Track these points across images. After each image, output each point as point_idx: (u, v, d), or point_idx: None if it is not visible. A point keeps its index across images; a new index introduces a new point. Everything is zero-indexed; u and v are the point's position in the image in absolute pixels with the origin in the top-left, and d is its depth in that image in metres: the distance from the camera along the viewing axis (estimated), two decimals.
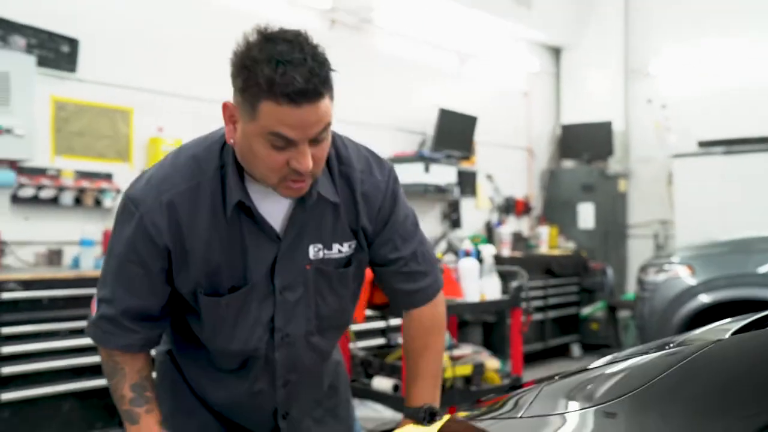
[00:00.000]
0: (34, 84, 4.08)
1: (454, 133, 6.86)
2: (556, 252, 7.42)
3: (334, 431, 1.81)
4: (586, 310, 7.52)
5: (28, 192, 4.13)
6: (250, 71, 1.31)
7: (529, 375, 6.54)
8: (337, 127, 1.58)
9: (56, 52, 4.34)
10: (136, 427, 1.53)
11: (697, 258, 4.49)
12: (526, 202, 8.03)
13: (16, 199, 4.11)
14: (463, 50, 7.30)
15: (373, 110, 6.39)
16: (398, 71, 6.65)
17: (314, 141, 1.37)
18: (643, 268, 4.79)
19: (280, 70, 1.29)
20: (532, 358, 6.97)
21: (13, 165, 4.03)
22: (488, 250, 3.73)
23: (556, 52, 8.70)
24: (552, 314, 7.10)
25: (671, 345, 1.39)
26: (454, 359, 3.50)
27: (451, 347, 3.84)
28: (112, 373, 1.56)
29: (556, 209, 8.29)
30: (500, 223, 7.27)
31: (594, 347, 7.46)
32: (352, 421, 1.88)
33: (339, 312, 1.63)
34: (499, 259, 6.48)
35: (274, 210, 1.51)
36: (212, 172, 1.47)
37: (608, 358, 1.54)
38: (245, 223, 1.49)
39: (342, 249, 1.57)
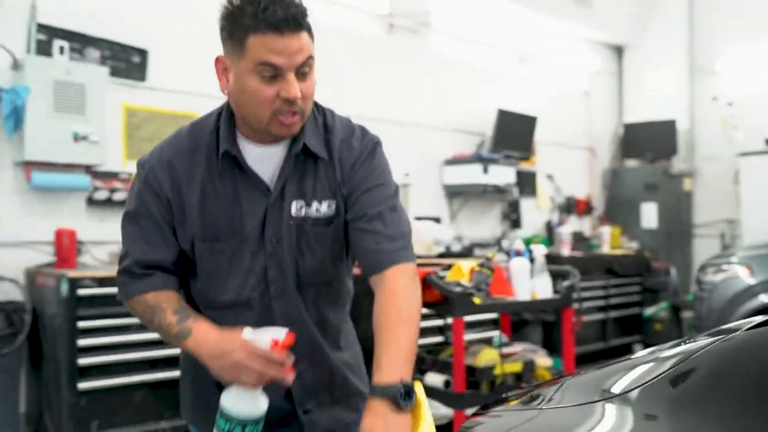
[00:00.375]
0: (107, 93, 4.32)
1: (514, 134, 6.90)
2: (617, 252, 7.37)
3: (343, 417, 1.75)
4: (649, 311, 7.45)
5: (102, 195, 4.38)
6: (236, 15, 1.47)
7: None
8: (396, 129, 1.70)
9: (127, 62, 4.59)
10: (191, 339, 1.52)
11: (756, 258, 4.44)
12: (588, 202, 7.99)
13: (91, 202, 4.37)
14: (522, 51, 7.33)
15: (432, 112, 6.49)
16: (457, 73, 6.73)
17: (300, 74, 1.50)
18: (702, 268, 4.76)
19: (262, 5, 1.43)
20: (592, 358, 6.94)
21: (88, 170, 4.28)
22: (539, 250, 3.79)
23: (618, 50, 8.62)
24: (613, 314, 7.06)
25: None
26: (504, 356, 3.58)
27: (501, 344, 3.92)
28: (152, 315, 1.59)
29: (619, 209, 8.22)
30: (561, 223, 7.26)
31: None
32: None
33: (318, 270, 1.66)
34: (558, 259, 6.53)
35: (265, 166, 1.61)
36: (209, 134, 1.62)
37: (644, 351, 1.58)
38: (238, 177, 1.60)
39: (320, 209, 1.63)
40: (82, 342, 3.65)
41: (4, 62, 4.10)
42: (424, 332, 4.87)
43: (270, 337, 1.45)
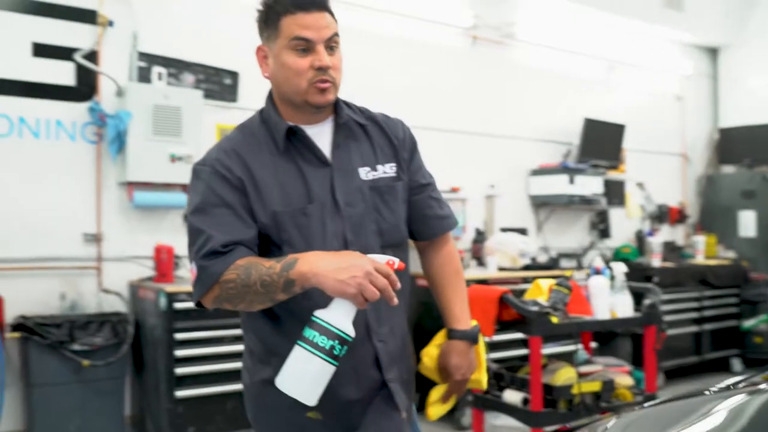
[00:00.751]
0: (201, 115, 4.57)
1: (601, 143, 6.82)
2: (712, 262, 7.15)
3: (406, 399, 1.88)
4: (747, 323, 7.19)
5: None
6: (271, 7, 1.74)
7: (681, 389, 6.40)
8: (481, 141, 1.88)
9: (220, 84, 4.84)
10: (300, 263, 1.57)
11: None
12: (681, 210, 7.79)
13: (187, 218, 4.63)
14: (610, 57, 7.22)
15: (517, 123, 6.51)
16: (542, 82, 6.71)
17: (329, 48, 1.74)
18: None
19: None
20: (686, 372, 6.79)
21: (184, 188, 4.54)
22: (619, 268, 3.77)
23: (712, 52, 8.36)
24: (708, 327, 6.86)
25: None
26: (583, 375, 3.59)
27: (582, 362, 3.92)
28: (247, 273, 1.61)
29: (715, 217, 7.96)
30: (652, 232, 7.12)
31: (758, 362, 7.11)
32: (412, 412, 1.97)
33: (396, 227, 1.84)
34: (648, 270, 6.42)
35: (319, 141, 1.80)
36: (258, 125, 1.83)
37: (718, 386, 1.54)
38: (298, 152, 1.77)
39: (386, 171, 1.85)
40: (179, 352, 3.90)
41: (109, 90, 4.40)
42: (504, 346, 4.92)
43: (386, 258, 1.57)
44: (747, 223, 7.70)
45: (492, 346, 4.30)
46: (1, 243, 4.07)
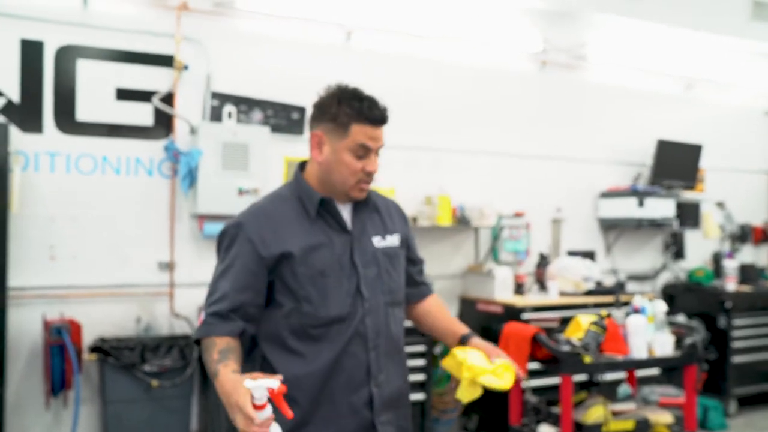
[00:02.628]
0: (268, 148, 4.88)
1: (676, 163, 6.73)
2: None
3: None
4: None
5: None
6: (341, 104, 2.04)
7: (761, 418, 6.26)
8: (551, 163, 2.17)
9: (288, 119, 5.15)
10: (217, 378, 1.83)
11: None
12: (765, 230, 7.55)
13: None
14: (689, 74, 7.10)
15: (588, 145, 6.53)
16: (615, 103, 6.69)
17: (376, 155, 2.09)
18: None
19: (366, 104, 2.04)
20: (764, 399, 6.61)
21: None
22: (659, 307, 3.82)
23: None
24: None
25: None
26: (618, 413, 3.66)
27: (625, 397, 3.98)
28: (208, 350, 1.93)
29: None
30: (731, 253, 6.95)
31: None
32: None
33: (399, 288, 2.18)
34: (722, 294, 6.29)
35: (341, 212, 2.12)
36: (290, 194, 2.11)
37: None
38: (324, 221, 2.07)
39: (393, 241, 2.19)
40: None
41: (184, 128, 4.79)
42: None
43: (266, 386, 1.69)
44: None
45: (537, 373, 4.40)
46: (84, 270, 4.52)
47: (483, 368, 2.10)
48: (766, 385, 6.54)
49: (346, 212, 2.12)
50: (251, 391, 1.67)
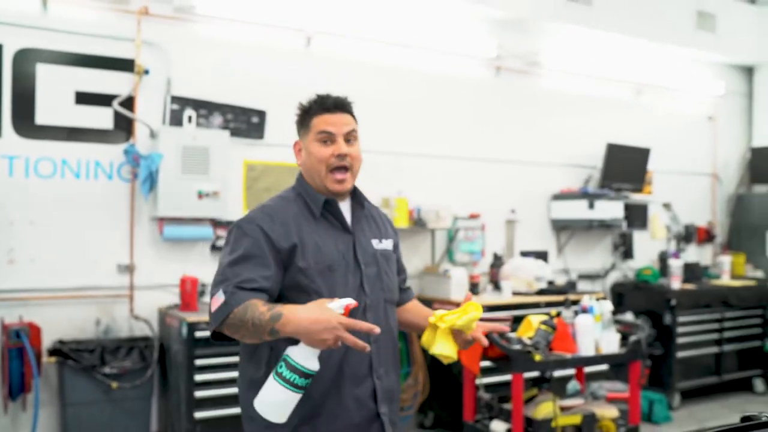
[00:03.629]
0: (228, 152, 4.96)
1: (624, 167, 6.97)
2: (736, 283, 7.22)
3: None
4: None
5: (222, 242, 5.04)
6: (306, 110, 2.20)
7: (701, 410, 6.53)
8: (505, 166, 2.52)
9: (248, 123, 5.22)
10: (284, 316, 1.89)
11: None
12: (709, 230, 7.86)
13: (214, 248, 5.04)
14: (638, 81, 7.35)
15: (541, 149, 6.73)
16: (567, 108, 6.90)
17: (347, 141, 2.17)
18: None
19: (321, 97, 2.19)
20: (705, 392, 6.90)
21: (211, 222, 4.94)
22: (605, 306, 4.00)
23: (747, 71, 8.37)
24: (729, 347, 6.96)
25: None
26: (566, 408, 3.83)
27: (574, 393, 4.16)
28: (243, 315, 1.93)
29: (744, 237, 8.01)
30: (677, 252, 7.23)
31: None
32: None
33: (395, 287, 2.33)
34: (668, 292, 6.55)
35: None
36: (293, 197, 2.22)
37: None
38: (329, 221, 2.19)
39: (387, 245, 2.32)
40: (199, 377, 4.30)
41: (144, 132, 4.83)
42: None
43: (344, 304, 1.90)
44: None
45: (489, 371, 4.56)
46: (43, 273, 4.54)
47: (451, 312, 2.21)
48: (708, 378, 6.83)
49: (347, 214, 2.24)
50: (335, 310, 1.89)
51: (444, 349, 2.17)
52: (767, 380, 7.24)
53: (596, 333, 3.96)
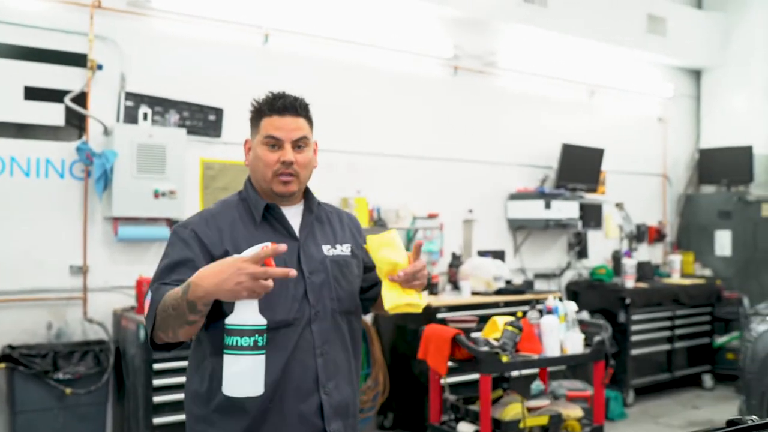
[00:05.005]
0: (184, 152, 4.83)
1: (579, 167, 7.05)
2: (687, 281, 7.37)
3: None
4: (720, 340, 7.42)
5: None
6: (258, 109, 2.06)
7: (654, 406, 6.65)
8: (463, 165, 2.31)
9: (204, 121, 5.10)
10: (192, 282, 1.74)
11: None
12: (660, 230, 8.01)
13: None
14: (592, 82, 7.44)
15: (498, 149, 6.75)
16: (523, 108, 6.95)
17: (296, 147, 2.05)
18: (749, 315, 4.82)
19: (272, 97, 2.06)
20: (657, 389, 7.04)
21: (167, 222, 4.81)
22: (570, 307, 4.02)
23: (695, 74, 8.57)
24: (680, 344, 7.10)
25: None
26: (533, 409, 3.83)
27: (537, 393, 4.17)
28: (164, 305, 1.81)
29: (692, 236, 8.20)
30: (629, 252, 7.35)
31: (729, 378, 7.36)
32: None
33: (351, 295, 2.14)
34: (622, 291, 6.65)
35: (289, 219, 2.11)
36: (237, 201, 2.11)
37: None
38: (271, 227, 2.07)
39: (343, 250, 2.16)
40: (157, 381, 4.17)
41: (97, 129, 4.67)
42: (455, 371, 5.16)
43: (256, 249, 1.73)
44: (723, 242, 7.94)
45: (456, 370, 4.54)
46: None
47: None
48: (660, 375, 6.97)
49: (296, 219, 2.12)
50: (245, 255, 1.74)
51: (400, 298, 1.99)
52: (715, 376, 7.41)
53: (561, 333, 3.97)
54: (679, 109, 8.40)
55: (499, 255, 6.56)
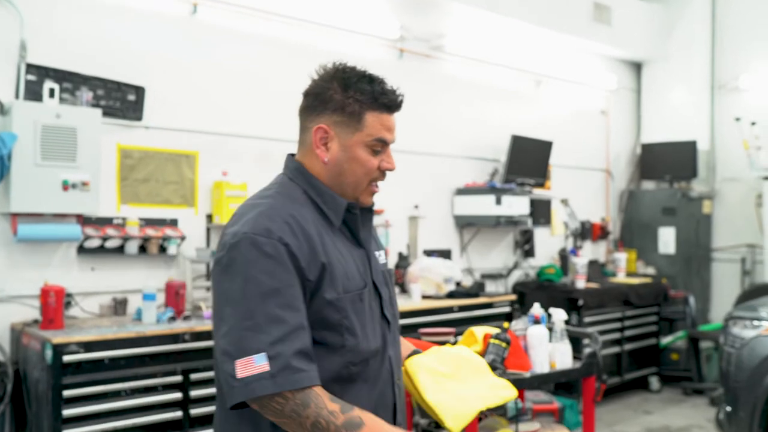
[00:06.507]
0: (99, 137, 4.08)
1: (528, 160, 6.63)
2: (634, 281, 7.09)
3: None
4: (665, 340, 7.20)
5: (94, 243, 4.16)
6: (349, 90, 1.65)
7: (605, 412, 6.31)
8: (408, 158, 1.72)
9: (123, 101, 4.35)
10: (366, 427, 1.47)
11: None
12: (603, 227, 7.71)
13: (82, 250, 4.15)
14: (538, 71, 7.05)
15: (444, 140, 6.25)
16: (471, 97, 6.47)
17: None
18: (729, 321, 4.50)
19: (379, 89, 1.68)
20: (607, 393, 6.71)
21: (78, 219, 4.06)
22: (559, 315, 3.53)
23: (637, 67, 8.33)
24: (629, 346, 6.82)
25: None
26: None
27: (516, 412, 3.68)
28: (302, 409, 1.46)
29: (635, 233, 7.95)
30: (575, 250, 6.99)
31: (674, 379, 7.14)
32: None
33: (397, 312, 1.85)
34: (574, 291, 6.27)
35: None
36: (302, 196, 1.67)
37: None
38: (344, 233, 1.70)
39: (384, 258, 1.85)
40: (68, 411, 3.44)
41: None
42: None
43: None
44: (667, 239, 7.72)
45: None
46: None
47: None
48: (612, 378, 6.63)
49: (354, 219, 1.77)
50: None
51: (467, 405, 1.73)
52: (662, 378, 7.17)
53: (549, 346, 3.48)
54: (621, 102, 8.14)
55: (445, 254, 6.07)
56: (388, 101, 1.69)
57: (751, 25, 7.78)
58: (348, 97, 1.66)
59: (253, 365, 1.44)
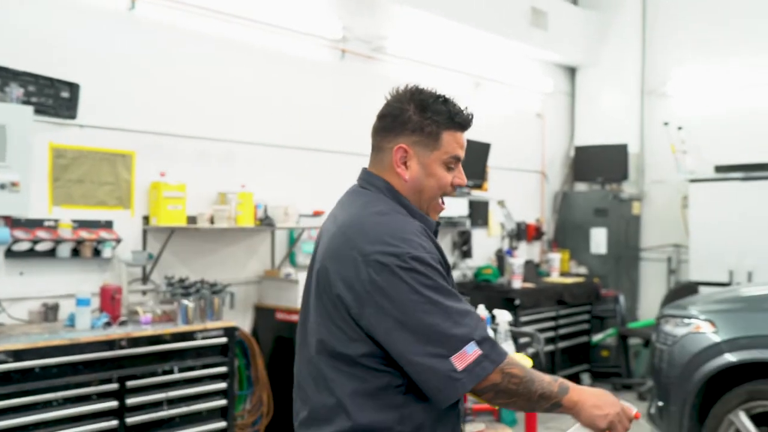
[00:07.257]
0: (30, 135, 3.92)
1: (467, 162, 6.59)
2: (568, 280, 7.24)
3: None
4: (596, 337, 7.39)
5: (23, 246, 4.00)
6: (426, 111, 1.77)
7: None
8: (348, 159, 1.61)
9: (56, 98, 4.19)
10: (573, 391, 1.66)
11: (719, 314, 4.31)
12: (538, 227, 7.85)
13: (10, 254, 3.98)
14: (477, 73, 7.12)
15: None
16: None
17: None
18: (661, 319, 4.63)
19: (452, 107, 1.79)
20: None
21: (7, 220, 3.89)
22: (503, 317, 3.58)
23: (571, 71, 8.50)
24: (562, 344, 6.95)
25: None
26: None
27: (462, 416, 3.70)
28: (531, 380, 1.63)
29: (568, 234, 8.13)
30: (511, 250, 7.09)
31: (604, 375, 7.33)
32: None
33: None
34: (510, 292, 6.36)
35: None
36: (405, 212, 1.78)
37: None
38: None
39: None
40: None
41: None
42: None
43: (633, 410, 1.73)
44: (598, 240, 7.91)
45: None
46: None
47: None
48: None
49: None
50: None
51: None
52: (593, 374, 7.35)
53: None
54: (556, 105, 8.30)
55: None
56: (462, 120, 1.79)
57: (677, 34, 8.02)
58: (426, 118, 1.76)
59: (467, 355, 1.58)
